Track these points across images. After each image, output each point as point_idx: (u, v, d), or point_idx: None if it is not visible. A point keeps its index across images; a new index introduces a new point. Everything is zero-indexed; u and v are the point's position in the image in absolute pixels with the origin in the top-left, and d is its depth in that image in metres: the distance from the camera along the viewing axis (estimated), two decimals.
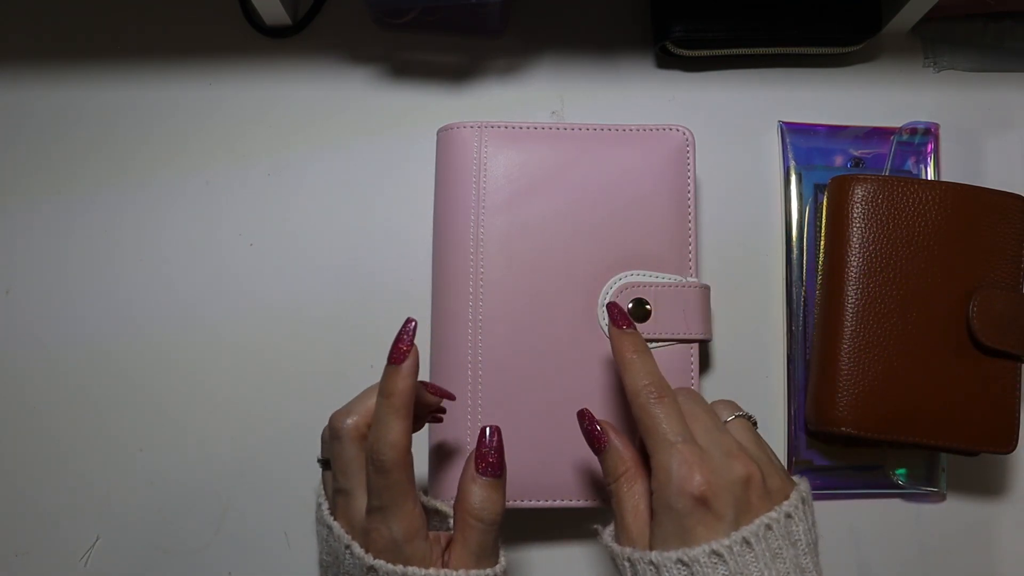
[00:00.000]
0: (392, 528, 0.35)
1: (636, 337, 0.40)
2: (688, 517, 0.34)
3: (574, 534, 0.49)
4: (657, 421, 0.37)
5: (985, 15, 0.57)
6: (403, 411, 0.36)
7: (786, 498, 0.36)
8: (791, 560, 0.34)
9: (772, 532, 0.34)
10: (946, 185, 0.49)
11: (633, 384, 0.38)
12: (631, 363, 0.39)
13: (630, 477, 0.38)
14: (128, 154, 0.53)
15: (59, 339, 0.51)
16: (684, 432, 0.36)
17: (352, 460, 0.37)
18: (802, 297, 0.52)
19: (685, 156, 0.48)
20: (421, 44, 0.55)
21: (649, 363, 0.39)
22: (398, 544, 0.35)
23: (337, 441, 0.37)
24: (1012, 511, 0.51)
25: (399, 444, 0.35)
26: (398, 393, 0.36)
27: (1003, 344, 0.47)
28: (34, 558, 0.49)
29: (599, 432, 0.39)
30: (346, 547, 0.36)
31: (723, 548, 0.33)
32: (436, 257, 0.48)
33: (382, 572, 0.35)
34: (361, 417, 0.38)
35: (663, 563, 0.34)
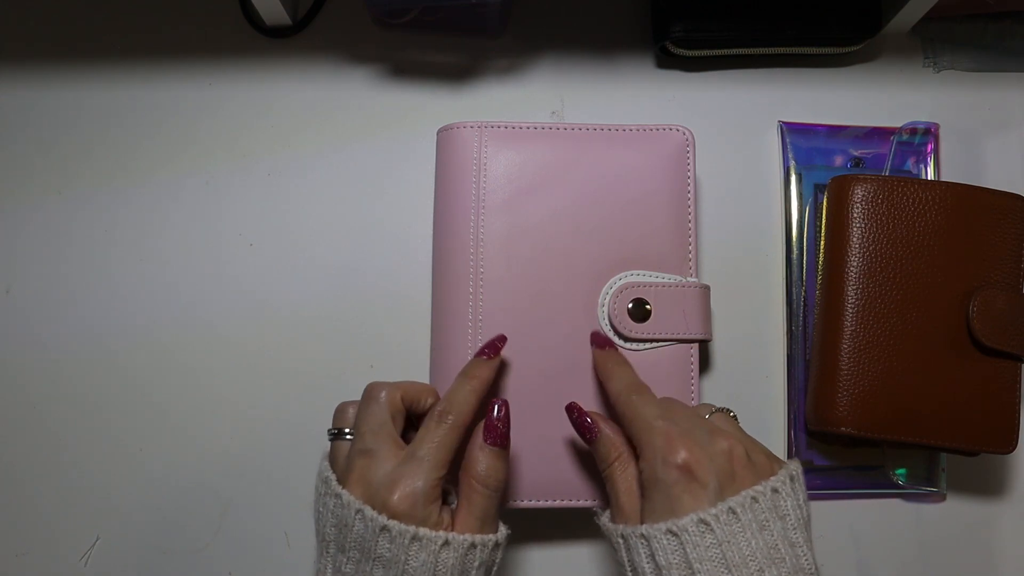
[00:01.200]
0: (421, 483, 0.37)
1: (615, 353, 0.44)
2: (674, 486, 0.36)
3: (574, 534, 0.49)
4: (637, 409, 0.39)
5: (985, 15, 0.57)
6: (480, 391, 0.41)
7: (773, 474, 0.37)
8: (779, 533, 0.35)
9: (758, 504, 0.35)
10: (946, 185, 0.49)
11: (615, 388, 0.41)
12: (611, 372, 0.43)
13: (623, 460, 0.40)
14: (128, 154, 0.53)
15: (59, 339, 0.51)
16: (663, 414, 0.38)
17: (384, 423, 0.39)
18: (802, 297, 0.52)
19: (685, 156, 0.48)
20: (421, 44, 0.55)
21: (628, 371, 0.43)
22: (419, 501, 0.37)
23: (374, 402, 0.40)
24: (1012, 511, 0.51)
25: (468, 413, 0.40)
26: (480, 377, 0.41)
27: (1003, 344, 0.47)
28: (34, 558, 0.49)
29: (589, 423, 0.41)
30: (357, 511, 0.37)
31: (710, 517, 0.34)
32: (436, 257, 0.48)
33: (395, 531, 0.36)
34: (402, 391, 0.40)
35: (653, 535, 0.35)
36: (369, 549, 0.36)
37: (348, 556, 0.37)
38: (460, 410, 0.39)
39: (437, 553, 0.36)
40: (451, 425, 0.39)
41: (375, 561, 0.36)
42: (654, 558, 0.35)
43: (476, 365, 0.42)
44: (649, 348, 0.46)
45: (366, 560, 0.37)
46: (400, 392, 0.40)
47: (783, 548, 0.35)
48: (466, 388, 0.40)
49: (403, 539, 0.36)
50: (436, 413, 0.39)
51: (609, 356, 0.44)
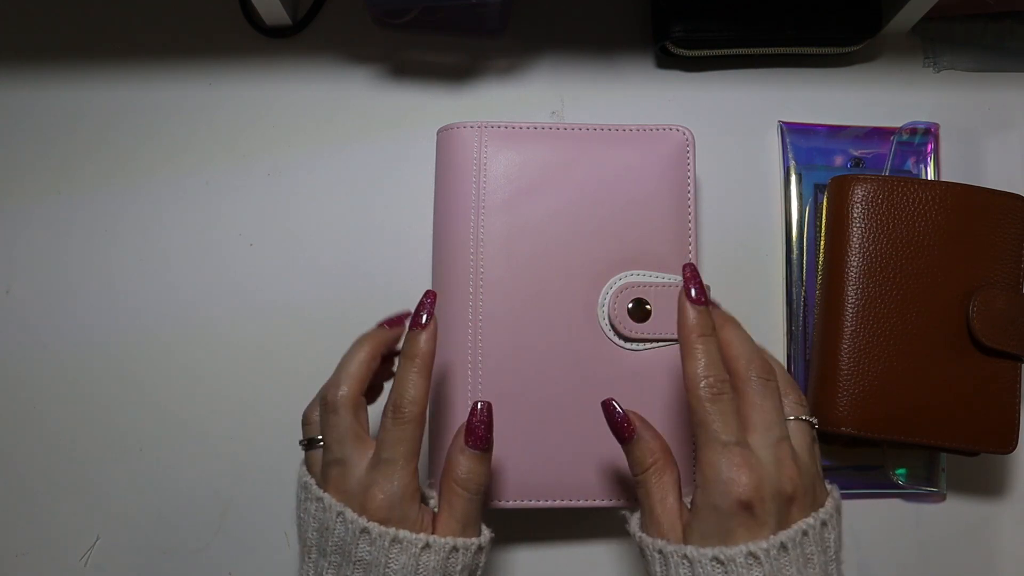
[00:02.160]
0: (395, 484, 0.36)
1: (706, 317, 0.38)
2: (731, 519, 0.34)
3: (574, 534, 0.49)
4: (711, 418, 0.36)
5: (985, 15, 0.57)
6: (426, 371, 0.38)
7: (822, 505, 0.36)
8: (820, 566, 0.35)
9: (807, 538, 0.35)
10: (946, 185, 0.49)
11: (693, 373, 0.37)
12: (695, 350, 0.37)
13: (659, 468, 0.38)
14: (128, 154, 0.53)
15: (59, 339, 0.51)
16: (738, 434, 0.36)
17: (348, 429, 0.38)
18: (802, 297, 0.52)
19: (685, 156, 0.48)
20: (421, 44, 0.55)
21: (713, 352, 0.37)
22: (396, 502, 0.36)
23: (333, 414, 0.38)
24: (1012, 511, 0.51)
25: (420, 400, 0.37)
26: (421, 355, 0.38)
27: (1003, 344, 0.47)
28: (34, 558, 0.49)
29: (627, 422, 0.39)
30: (338, 514, 0.36)
31: (760, 551, 0.34)
32: (436, 257, 0.48)
33: (375, 533, 0.35)
34: (352, 386, 0.39)
35: (698, 559, 0.34)
36: (350, 552, 0.36)
37: (329, 560, 0.37)
38: (413, 399, 0.37)
39: (418, 556, 0.36)
40: (408, 419, 0.37)
41: (355, 564, 0.36)
42: None
43: (412, 342, 0.38)
44: (649, 348, 0.46)
45: (347, 563, 0.36)
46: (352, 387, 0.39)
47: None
48: (412, 374, 0.38)
49: (383, 541, 0.35)
50: (390, 410, 0.38)
51: (699, 320, 0.37)
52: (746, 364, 0.38)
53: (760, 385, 0.37)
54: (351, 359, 0.40)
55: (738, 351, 0.38)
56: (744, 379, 0.37)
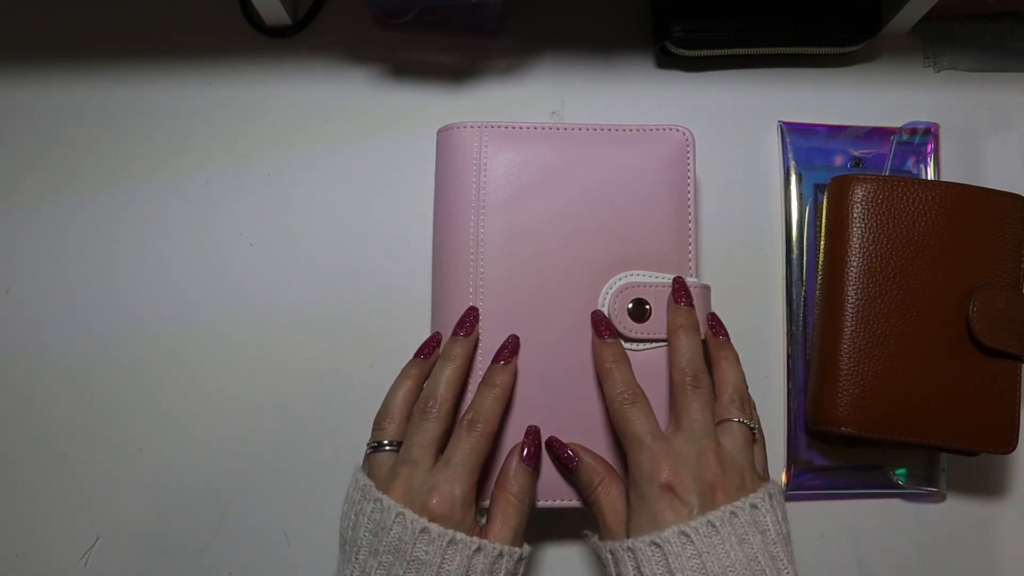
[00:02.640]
0: (457, 488, 0.39)
1: (615, 347, 0.44)
2: (657, 502, 0.38)
3: (574, 534, 0.49)
4: (629, 422, 0.41)
5: (985, 15, 0.57)
6: (503, 399, 0.43)
7: (754, 491, 0.39)
8: (759, 547, 0.37)
9: (737, 519, 0.37)
10: (946, 185, 0.49)
11: (610, 391, 0.42)
12: (609, 372, 0.43)
13: (605, 484, 0.42)
14: (128, 154, 0.53)
15: (59, 339, 0.51)
16: (654, 430, 0.40)
17: (435, 437, 0.41)
18: (802, 297, 0.52)
19: (685, 156, 0.48)
20: (421, 44, 0.55)
21: (625, 371, 0.43)
22: (456, 505, 0.38)
23: (429, 421, 0.41)
24: (1012, 511, 0.51)
25: (493, 419, 0.42)
26: (502, 385, 0.43)
27: (1003, 344, 0.47)
28: (34, 558, 0.49)
29: (570, 455, 0.43)
30: (398, 515, 0.38)
31: (690, 529, 0.37)
32: (436, 257, 0.48)
33: (434, 533, 0.37)
34: (449, 400, 0.42)
35: (638, 547, 0.38)
36: (405, 551, 0.37)
37: (380, 560, 0.38)
38: (487, 418, 0.41)
39: (471, 557, 0.38)
40: (481, 433, 0.41)
41: (409, 563, 0.37)
42: (640, 570, 0.37)
43: (495, 372, 0.43)
44: (649, 348, 0.46)
45: (399, 562, 0.37)
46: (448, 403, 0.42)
47: (763, 561, 0.37)
48: (489, 396, 0.42)
49: (441, 541, 0.37)
50: (466, 422, 0.41)
51: (607, 350, 0.44)
52: (680, 372, 0.42)
53: (690, 390, 0.42)
54: (444, 372, 0.43)
55: (677, 360, 0.43)
56: (677, 386, 0.42)
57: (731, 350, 0.45)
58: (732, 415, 0.42)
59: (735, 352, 0.45)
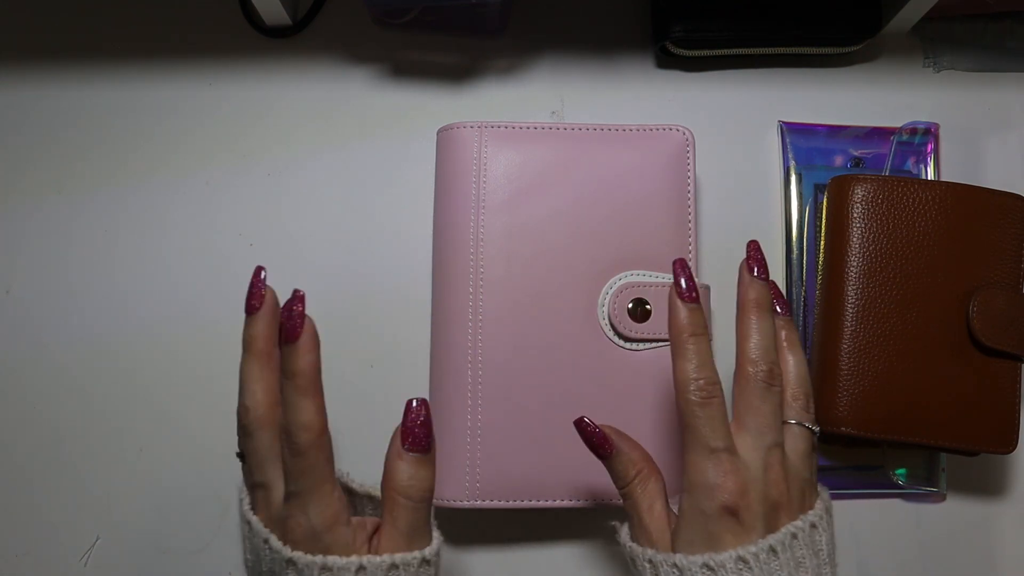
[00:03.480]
0: (310, 515, 0.33)
1: (698, 316, 0.36)
2: (717, 523, 0.34)
3: (574, 534, 0.49)
4: (700, 423, 0.35)
5: (985, 15, 0.57)
6: (311, 389, 0.34)
7: (811, 507, 0.36)
8: (813, 569, 0.35)
9: (797, 541, 0.35)
10: (946, 185, 0.49)
11: (684, 374, 0.36)
12: (685, 350, 0.36)
13: (643, 478, 0.37)
14: (128, 154, 0.53)
15: (59, 339, 0.51)
16: (726, 439, 0.35)
17: (267, 451, 0.35)
18: (802, 297, 0.52)
19: (685, 156, 0.48)
20: (421, 44, 0.55)
21: (704, 352, 0.36)
22: (317, 532, 0.33)
23: (248, 437, 0.35)
24: (1012, 511, 0.51)
25: (313, 425, 0.34)
26: (301, 372, 0.34)
27: (1003, 344, 0.47)
28: (34, 558, 0.49)
29: (604, 438, 0.38)
30: (264, 541, 0.34)
31: (750, 555, 0.33)
32: (436, 257, 0.48)
33: (301, 564, 0.33)
34: (263, 403, 0.35)
35: (688, 567, 0.34)
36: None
37: None
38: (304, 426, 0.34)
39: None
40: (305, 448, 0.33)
41: None
42: None
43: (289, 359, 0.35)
44: (649, 348, 0.46)
45: None
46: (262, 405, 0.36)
47: None
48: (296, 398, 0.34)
49: (311, 571, 0.33)
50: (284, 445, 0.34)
51: (690, 318, 0.36)
52: (753, 364, 0.37)
53: (762, 388, 0.36)
54: (249, 371, 0.36)
55: (750, 348, 0.37)
56: (748, 378, 0.37)
57: (794, 332, 0.39)
58: (795, 416, 0.38)
59: (797, 334, 0.39)
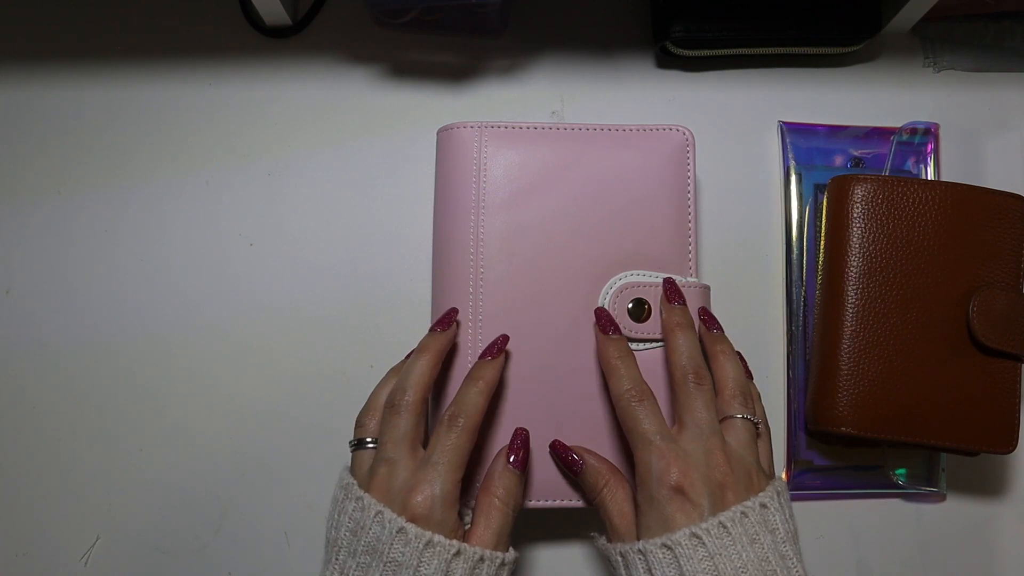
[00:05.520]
0: (438, 487, 0.38)
1: (621, 343, 0.43)
2: (667, 505, 0.37)
3: (574, 534, 0.49)
4: (637, 421, 0.40)
5: (985, 15, 0.57)
6: (487, 392, 0.41)
7: (761, 490, 0.39)
8: (769, 546, 0.37)
9: (748, 519, 0.37)
10: (946, 185, 0.49)
11: (617, 388, 0.41)
12: (615, 368, 0.42)
13: (611, 486, 0.42)
14: (128, 154, 0.53)
15: (59, 339, 0.51)
16: (662, 430, 0.39)
17: (408, 432, 0.40)
18: (802, 297, 0.52)
19: (685, 156, 0.48)
20: (421, 44, 0.55)
21: (631, 367, 0.42)
22: (437, 505, 0.37)
23: (397, 415, 0.40)
24: (1012, 511, 0.51)
25: (478, 414, 0.40)
26: (486, 379, 0.41)
27: (1003, 344, 0.47)
28: (34, 558, 0.49)
29: (574, 458, 0.43)
30: (377, 513, 0.37)
31: (701, 531, 0.36)
32: (436, 257, 0.48)
33: (411, 534, 0.37)
34: (418, 392, 0.40)
35: (649, 549, 0.37)
36: (383, 552, 0.37)
37: (358, 560, 0.37)
38: (470, 413, 0.40)
39: (449, 561, 0.37)
40: (463, 428, 0.39)
41: (387, 565, 0.37)
42: (651, 572, 0.37)
43: (481, 367, 0.42)
44: (649, 348, 0.46)
45: (377, 563, 0.37)
46: (418, 393, 0.41)
47: (774, 560, 0.36)
48: (473, 391, 0.41)
49: (418, 543, 0.36)
50: (447, 417, 0.40)
51: (612, 346, 0.43)
52: (680, 369, 0.41)
53: (692, 388, 0.41)
54: (416, 365, 0.41)
55: (676, 357, 0.42)
56: (679, 384, 0.41)
57: (727, 343, 0.44)
58: (735, 411, 0.41)
59: (731, 345, 0.44)
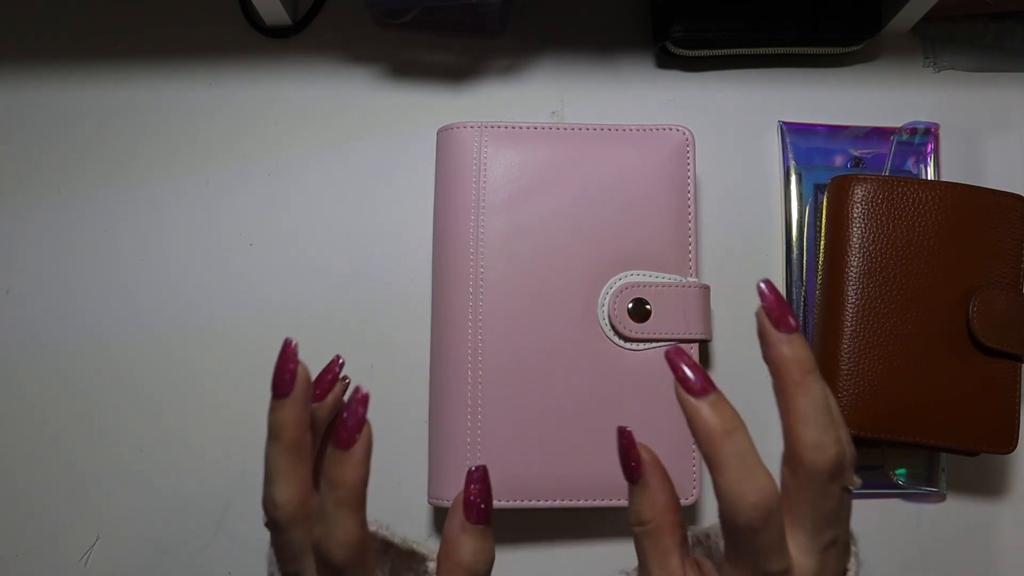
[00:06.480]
0: None
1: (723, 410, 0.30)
2: None
3: (574, 534, 0.49)
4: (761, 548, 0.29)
5: (985, 15, 0.57)
6: (356, 503, 0.29)
7: None
8: None
9: None
10: (946, 185, 0.49)
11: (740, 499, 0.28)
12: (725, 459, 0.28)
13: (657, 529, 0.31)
14: (128, 154, 0.53)
15: (59, 339, 0.51)
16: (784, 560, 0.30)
17: (301, 544, 0.31)
18: (802, 297, 0.52)
19: (685, 156, 0.48)
20: (421, 44, 0.55)
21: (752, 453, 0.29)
22: None
23: (279, 533, 0.31)
24: (1012, 511, 0.51)
25: (353, 542, 0.29)
26: (350, 485, 0.29)
27: (1003, 344, 0.47)
28: (34, 558, 0.49)
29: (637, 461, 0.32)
30: None
31: None
32: (436, 257, 0.48)
33: None
34: (295, 499, 0.31)
35: None
36: None
37: None
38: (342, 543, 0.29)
39: None
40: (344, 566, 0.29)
41: None
42: None
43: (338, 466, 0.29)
44: (649, 348, 0.46)
45: None
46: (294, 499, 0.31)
47: None
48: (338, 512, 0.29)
49: None
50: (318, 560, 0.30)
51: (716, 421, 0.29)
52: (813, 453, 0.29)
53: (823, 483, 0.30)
54: (276, 466, 0.32)
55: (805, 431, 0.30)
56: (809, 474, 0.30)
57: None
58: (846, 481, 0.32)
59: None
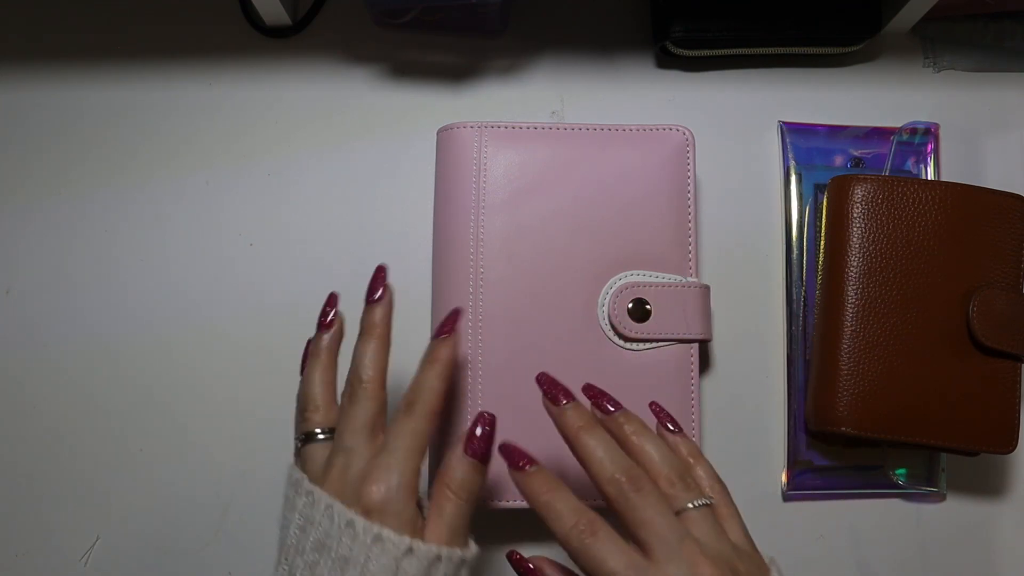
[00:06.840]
0: (395, 475, 0.35)
1: (542, 474, 0.36)
2: None
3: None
4: (601, 562, 0.33)
5: (985, 15, 0.57)
6: (443, 375, 0.38)
7: None
8: None
9: None
10: (946, 185, 0.49)
11: (560, 528, 0.35)
12: (548, 506, 0.35)
13: None
14: (128, 154, 0.53)
15: (59, 339, 0.51)
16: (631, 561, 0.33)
17: (368, 419, 0.37)
18: (802, 297, 0.52)
19: (685, 156, 0.48)
20: (421, 44, 0.55)
21: (567, 498, 0.35)
22: (392, 494, 0.34)
23: (355, 404, 0.37)
24: (1012, 511, 0.51)
25: (436, 398, 0.37)
26: (441, 359, 0.38)
27: (1003, 344, 0.47)
28: (34, 558, 0.49)
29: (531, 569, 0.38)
30: (327, 507, 0.34)
31: None
32: (436, 257, 0.48)
33: (359, 527, 0.34)
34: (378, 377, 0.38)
35: None
36: (331, 547, 0.34)
37: (306, 559, 0.34)
38: (426, 398, 0.37)
39: (399, 560, 0.33)
40: (419, 414, 0.37)
41: (335, 562, 0.33)
42: None
43: (436, 347, 0.39)
44: (649, 348, 0.46)
45: (325, 560, 0.34)
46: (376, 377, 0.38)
47: None
48: (431, 374, 0.38)
49: (365, 537, 0.33)
50: (405, 403, 0.37)
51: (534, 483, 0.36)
52: (613, 483, 0.35)
53: (635, 498, 0.34)
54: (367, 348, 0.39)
55: (599, 470, 0.35)
56: (616, 499, 0.35)
57: (632, 421, 0.38)
58: (683, 503, 0.35)
59: (636, 419, 0.38)
